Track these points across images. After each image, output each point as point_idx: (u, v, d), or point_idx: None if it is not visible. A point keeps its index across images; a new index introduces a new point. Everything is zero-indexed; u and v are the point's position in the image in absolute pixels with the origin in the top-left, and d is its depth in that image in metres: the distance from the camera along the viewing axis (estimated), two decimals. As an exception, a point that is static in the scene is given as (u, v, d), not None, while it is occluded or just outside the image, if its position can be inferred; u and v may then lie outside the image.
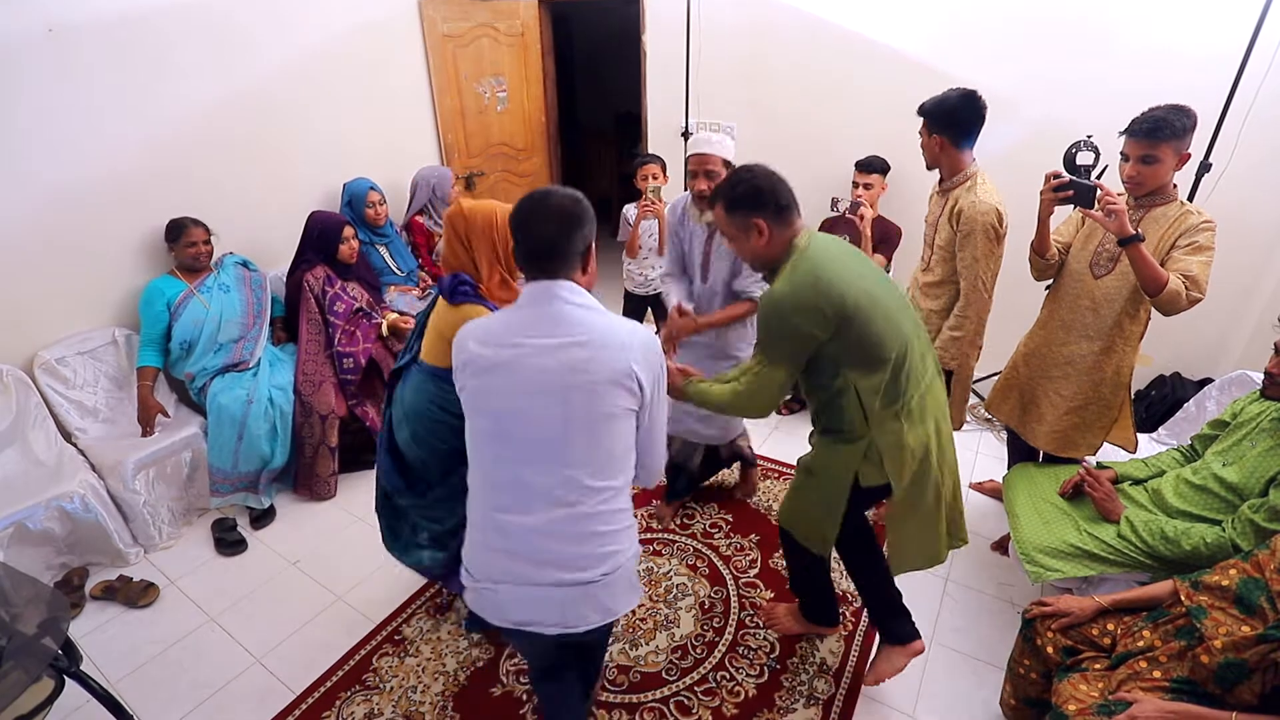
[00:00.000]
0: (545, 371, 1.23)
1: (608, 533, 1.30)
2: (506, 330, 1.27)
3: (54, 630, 1.50)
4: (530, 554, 1.26)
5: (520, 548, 1.27)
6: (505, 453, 1.27)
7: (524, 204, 1.29)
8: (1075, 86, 2.82)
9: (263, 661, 2.08)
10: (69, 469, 2.33)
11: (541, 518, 1.25)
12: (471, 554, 1.34)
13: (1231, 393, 2.56)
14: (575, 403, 1.23)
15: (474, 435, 1.31)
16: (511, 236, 1.32)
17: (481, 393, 1.28)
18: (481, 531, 1.32)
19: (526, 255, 1.29)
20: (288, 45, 3.02)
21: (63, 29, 2.35)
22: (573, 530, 1.26)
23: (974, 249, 2.06)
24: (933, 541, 1.70)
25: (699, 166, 2.15)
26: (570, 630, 1.30)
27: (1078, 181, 1.83)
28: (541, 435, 1.24)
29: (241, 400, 2.55)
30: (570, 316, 1.25)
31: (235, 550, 2.52)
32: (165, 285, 2.62)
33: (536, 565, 1.27)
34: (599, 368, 1.22)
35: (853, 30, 3.23)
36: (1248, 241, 2.70)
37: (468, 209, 1.67)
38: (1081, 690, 1.45)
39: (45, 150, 2.38)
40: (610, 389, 1.23)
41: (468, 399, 1.30)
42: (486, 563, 1.31)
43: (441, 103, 3.75)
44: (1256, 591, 1.36)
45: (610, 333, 1.25)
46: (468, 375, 1.29)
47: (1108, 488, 1.89)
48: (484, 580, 1.31)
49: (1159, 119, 1.77)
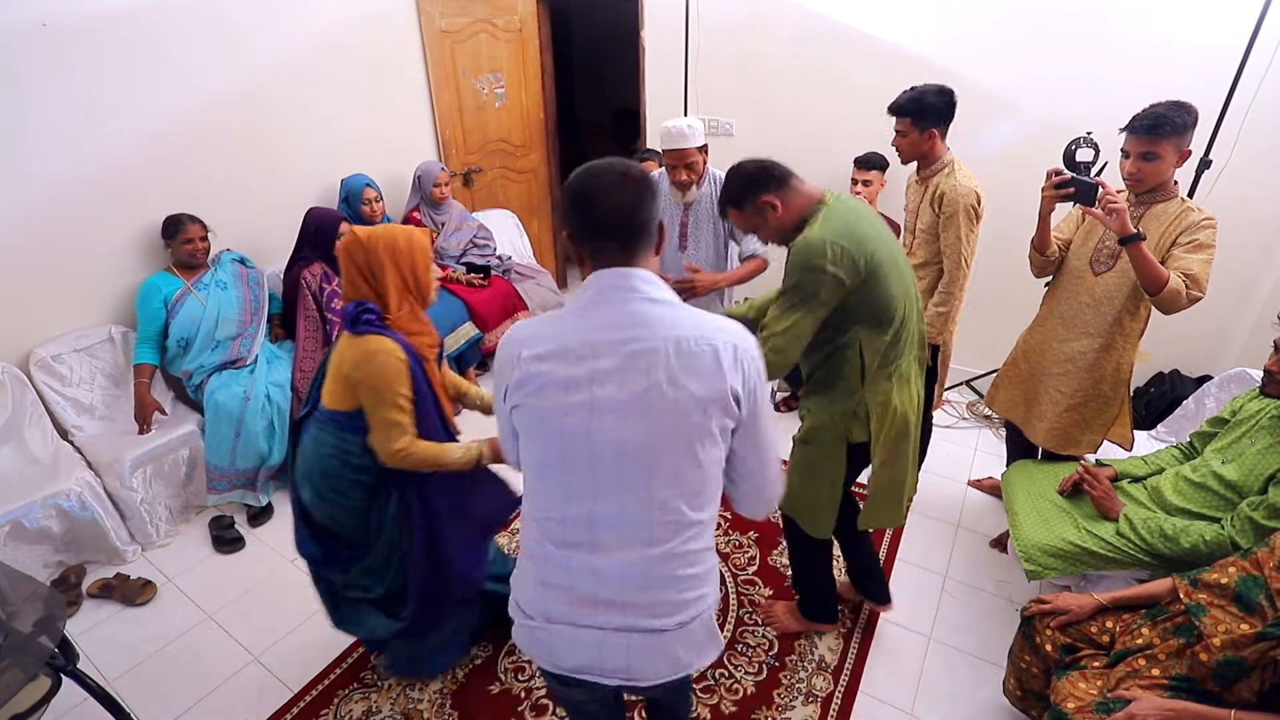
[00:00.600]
0: (625, 386, 1.00)
1: (690, 576, 1.09)
2: (572, 336, 1.03)
3: (50, 628, 1.50)
4: (596, 595, 1.07)
5: (584, 587, 1.07)
6: (575, 482, 1.05)
7: (586, 171, 1.05)
8: (1074, 82, 2.81)
9: (260, 659, 2.08)
10: (65, 467, 2.33)
11: (616, 559, 1.05)
12: (523, 586, 1.15)
13: (1231, 390, 2.56)
14: (662, 423, 1.01)
15: (533, 463, 1.09)
16: (571, 211, 1.05)
17: (544, 414, 1.04)
18: (538, 565, 1.11)
19: (596, 230, 1.03)
20: (284, 41, 3.01)
21: (57, 24, 2.33)
22: (652, 573, 1.06)
23: (957, 229, 2.17)
24: (900, 502, 1.79)
25: (678, 161, 2.31)
26: (634, 683, 1.11)
27: (1079, 179, 1.82)
28: (620, 463, 1.02)
29: (239, 398, 2.54)
30: (649, 316, 1.02)
31: (233, 548, 2.52)
32: (162, 282, 2.60)
33: (602, 608, 1.07)
34: (684, 381, 1.00)
35: (852, 26, 3.22)
36: (1247, 238, 2.70)
37: (364, 236, 1.51)
38: (1080, 688, 1.45)
39: (41, 146, 2.37)
40: (699, 407, 1.01)
41: (525, 422, 1.06)
42: (541, 599, 1.11)
43: (439, 99, 3.74)
44: (1255, 589, 1.36)
45: (696, 339, 1.02)
46: (524, 394, 1.04)
47: (1106, 486, 1.89)
48: (538, 619, 1.11)
49: (1160, 115, 1.76)
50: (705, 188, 2.42)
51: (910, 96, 2.15)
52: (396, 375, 1.49)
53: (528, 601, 1.13)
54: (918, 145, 2.20)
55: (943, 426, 3.21)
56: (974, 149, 2.68)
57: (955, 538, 2.54)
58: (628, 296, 1.03)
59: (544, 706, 1.92)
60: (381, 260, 1.52)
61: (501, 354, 1.09)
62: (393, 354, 1.48)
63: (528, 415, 1.05)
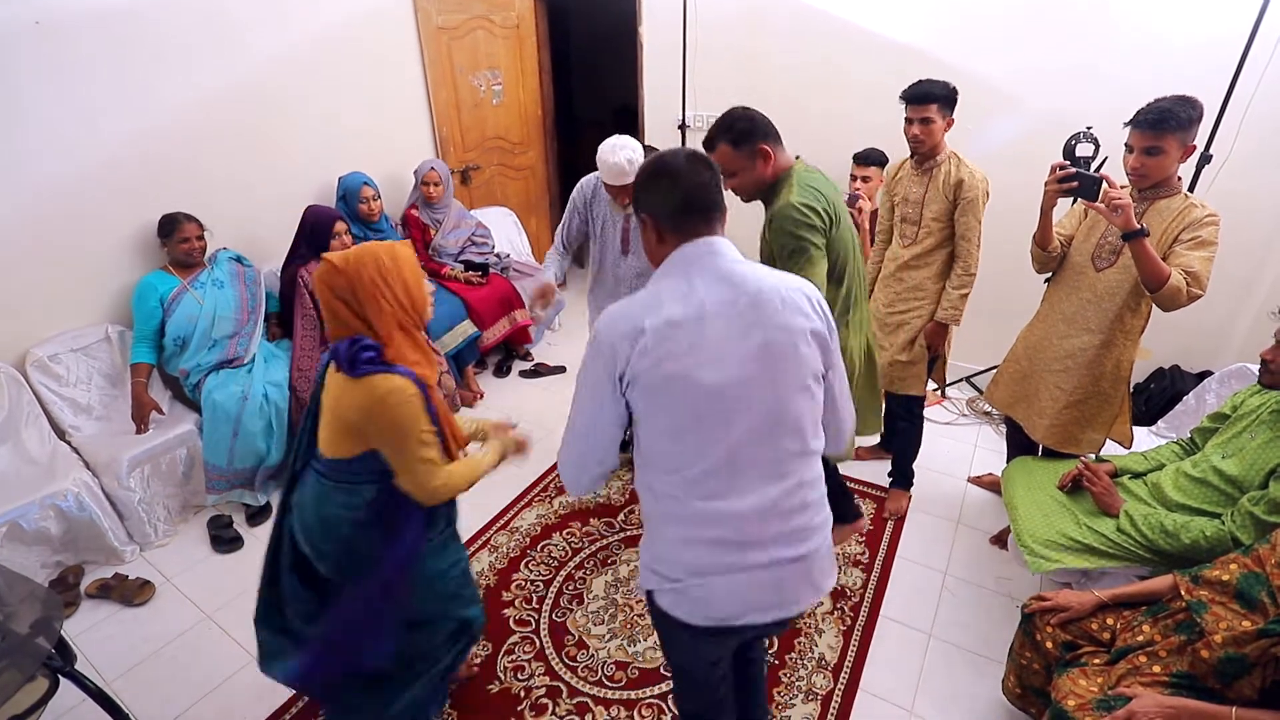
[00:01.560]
0: (745, 338, 1.11)
1: (815, 501, 1.21)
2: (685, 302, 1.11)
3: (47, 629, 1.49)
4: (744, 538, 1.15)
5: (732, 534, 1.15)
6: (709, 436, 1.12)
7: (660, 160, 1.18)
8: (1075, 77, 2.80)
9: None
10: (63, 467, 2.32)
11: (756, 498, 1.14)
12: (666, 552, 1.19)
13: (1231, 385, 2.55)
14: (779, 368, 1.13)
15: (661, 429, 1.14)
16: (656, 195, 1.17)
17: (671, 379, 1.10)
18: (680, 524, 1.17)
19: (684, 207, 1.15)
20: (281, 38, 2.99)
21: (52, 22, 2.32)
22: (788, 504, 1.17)
23: (976, 213, 2.26)
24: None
25: (618, 192, 2.34)
26: (785, 615, 1.21)
27: (1083, 173, 1.81)
28: (752, 408, 1.12)
29: (236, 397, 2.53)
30: (744, 274, 1.15)
31: (231, 547, 2.51)
32: (158, 281, 2.59)
33: (751, 548, 1.15)
34: (792, 326, 1.13)
35: (850, 21, 3.21)
36: (1248, 233, 2.69)
37: (339, 261, 1.33)
38: (1081, 685, 1.45)
39: (37, 145, 2.35)
40: (805, 347, 1.15)
41: (650, 392, 1.12)
42: (687, 556, 1.17)
43: (437, 96, 3.72)
44: (1257, 586, 1.35)
45: (784, 288, 1.15)
46: (648, 364, 1.10)
47: (1106, 482, 1.88)
48: (686, 577, 1.17)
49: (1165, 110, 1.75)
50: None
51: (935, 83, 2.19)
52: (417, 414, 1.33)
53: (670, 564, 1.19)
54: (940, 133, 2.25)
55: (943, 423, 3.20)
56: (975, 143, 2.68)
57: (955, 534, 2.53)
58: (719, 261, 1.15)
59: (543, 706, 1.91)
60: (369, 285, 1.32)
61: (610, 338, 1.13)
62: (405, 391, 1.32)
63: (653, 385, 1.11)
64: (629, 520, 2.62)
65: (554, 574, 2.37)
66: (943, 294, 2.38)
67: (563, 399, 3.67)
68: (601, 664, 2.03)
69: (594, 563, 2.42)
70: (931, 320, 2.41)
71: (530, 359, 3.87)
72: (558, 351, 3.95)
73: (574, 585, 2.32)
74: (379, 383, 1.30)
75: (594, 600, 2.26)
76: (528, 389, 3.66)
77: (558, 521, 2.63)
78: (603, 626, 2.16)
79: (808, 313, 1.16)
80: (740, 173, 1.72)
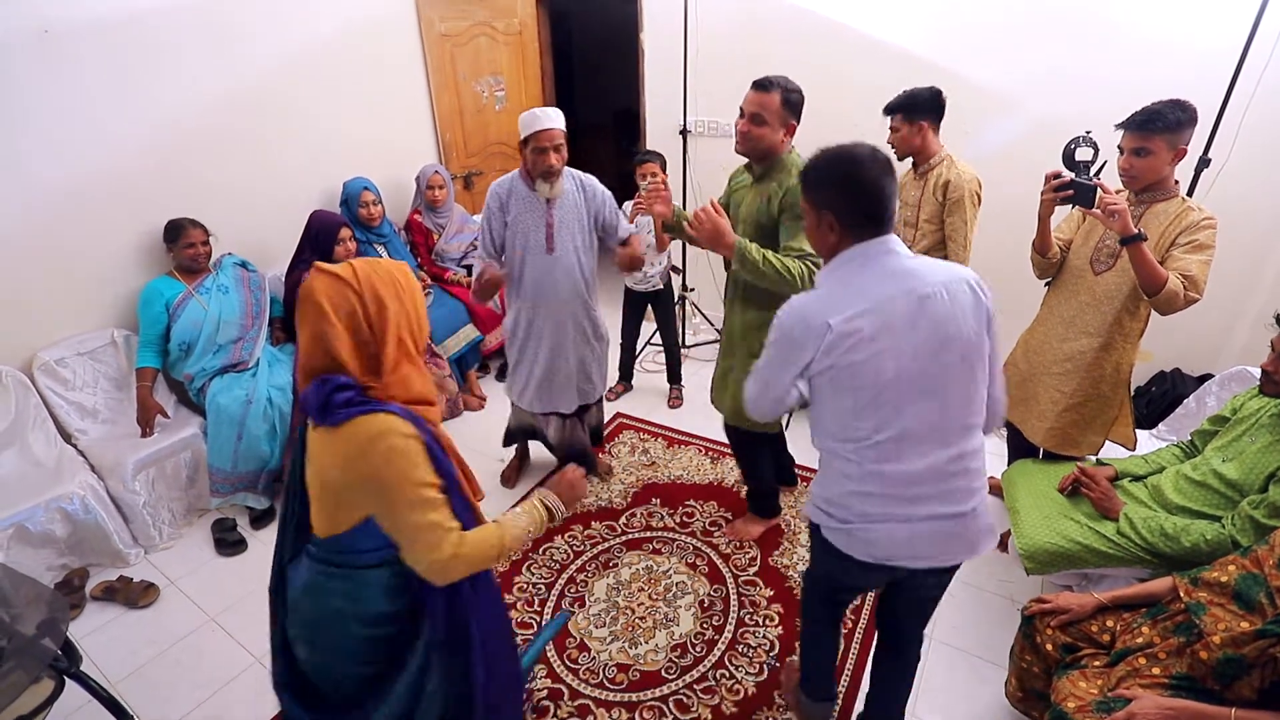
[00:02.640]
0: (919, 328, 1.23)
1: (975, 469, 1.33)
2: (867, 296, 1.23)
3: (53, 631, 1.50)
4: (908, 494, 1.29)
5: (898, 491, 1.29)
6: (887, 417, 1.26)
7: (850, 160, 1.26)
8: (1074, 81, 2.81)
9: (263, 661, 2.08)
10: (69, 470, 2.34)
11: (922, 462, 1.28)
12: (839, 498, 1.35)
13: (1231, 388, 2.55)
14: (952, 353, 1.25)
15: (845, 409, 1.28)
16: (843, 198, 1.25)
17: (858, 367, 1.23)
18: (853, 479, 1.32)
19: (868, 211, 1.25)
20: (286, 45, 3.02)
21: (59, 30, 2.35)
22: (949, 469, 1.29)
23: (962, 213, 2.34)
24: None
25: (549, 143, 2.20)
26: (938, 566, 1.37)
27: (1078, 181, 1.82)
28: (924, 393, 1.25)
29: (240, 400, 2.55)
30: (916, 269, 1.26)
31: (235, 550, 2.52)
32: (164, 286, 2.62)
33: (913, 503, 1.30)
34: (963, 313, 1.25)
35: (851, 26, 3.22)
36: (1247, 236, 2.70)
37: (349, 275, 1.07)
38: (1081, 687, 1.45)
39: (44, 151, 2.38)
40: (976, 332, 1.27)
41: (835, 378, 1.25)
42: (858, 503, 1.32)
43: (440, 101, 3.75)
44: (1255, 587, 1.35)
45: (952, 277, 1.28)
46: (838, 355, 1.22)
47: (1104, 486, 1.88)
48: (855, 520, 1.33)
49: (1153, 111, 1.78)
50: (567, 183, 2.33)
51: (903, 95, 2.35)
52: (415, 460, 1.07)
53: (841, 509, 1.35)
54: (910, 139, 2.36)
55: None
56: (973, 147, 2.69)
57: (956, 537, 2.53)
58: (893, 260, 1.27)
59: (545, 709, 1.92)
60: (384, 302, 1.08)
61: (799, 330, 1.25)
62: (398, 432, 1.05)
63: (838, 375, 1.25)
64: (630, 524, 2.63)
65: (556, 576, 2.38)
66: None
67: (564, 402, 3.59)
68: (603, 666, 2.04)
69: (596, 565, 2.42)
70: None
71: (532, 363, 3.88)
72: (560, 355, 3.96)
73: (576, 588, 2.33)
74: (364, 425, 1.04)
75: (595, 603, 2.26)
76: (530, 393, 3.67)
77: (559, 524, 2.63)
78: (604, 629, 2.16)
79: (978, 301, 1.28)
80: (768, 126, 1.89)
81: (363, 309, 1.07)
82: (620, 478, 2.90)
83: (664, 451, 3.09)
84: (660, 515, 2.67)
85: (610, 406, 3.47)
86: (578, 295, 2.40)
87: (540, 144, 2.20)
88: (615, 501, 2.76)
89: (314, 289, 1.06)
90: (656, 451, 3.09)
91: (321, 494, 1.12)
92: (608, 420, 3.34)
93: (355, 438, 1.04)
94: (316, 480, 1.12)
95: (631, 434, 3.23)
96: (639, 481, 2.88)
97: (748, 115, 1.96)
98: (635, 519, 2.66)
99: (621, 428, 3.29)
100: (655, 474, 2.93)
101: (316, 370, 1.08)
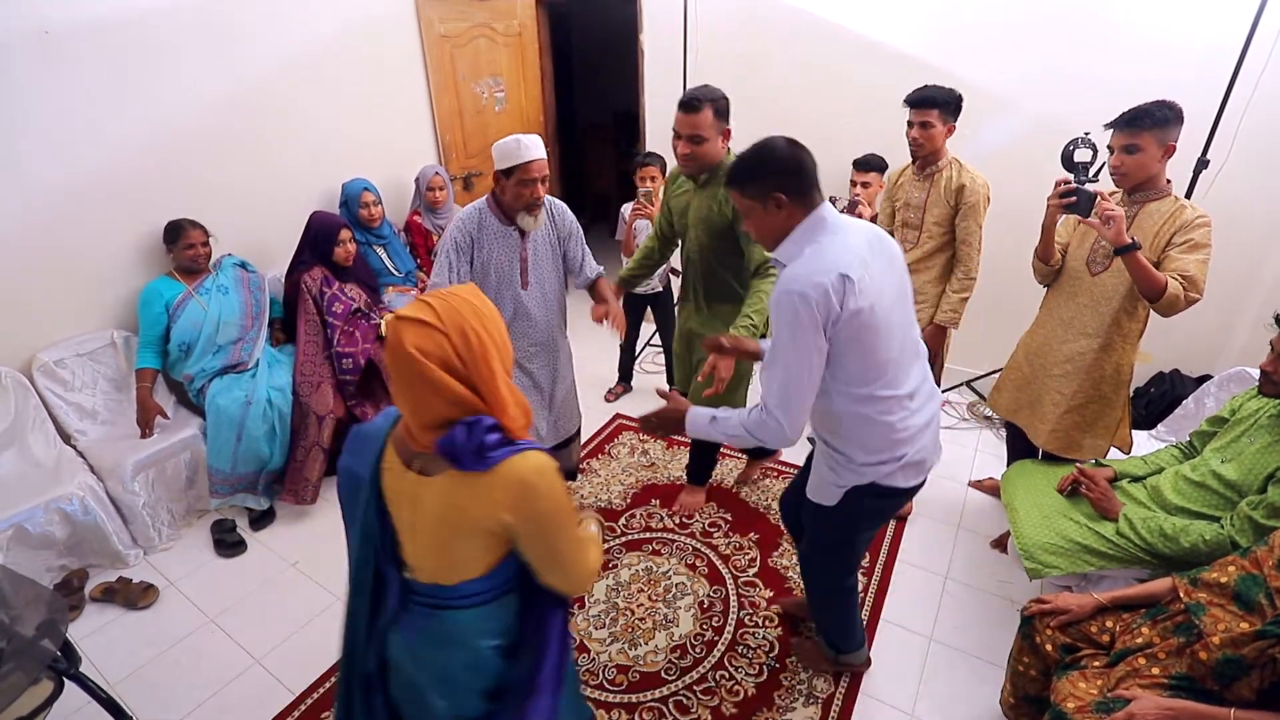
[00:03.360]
0: (890, 274, 1.43)
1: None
2: (857, 252, 1.36)
3: (53, 632, 1.50)
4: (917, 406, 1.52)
5: (914, 406, 1.51)
6: (890, 351, 1.43)
7: (788, 144, 1.40)
8: (1073, 82, 2.81)
9: (262, 662, 2.08)
10: (68, 471, 2.33)
11: (914, 378, 1.51)
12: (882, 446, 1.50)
13: (1230, 389, 2.56)
14: (905, 278, 1.50)
15: (874, 363, 1.42)
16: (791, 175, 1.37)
17: (875, 315, 1.36)
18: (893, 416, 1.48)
19: (811, 181, 1.40)
20: (286, 46, 3.02)
21: (59, 31, 2.35)
22: (925, 374, 1.56)
23: (977, 217, 2.31)
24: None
25: (538, 174, 2.00)
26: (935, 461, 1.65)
27: (1081, 190, 1.85)
28: (904, 317, 1.47)
29: (240, 401, 2.55)
30: (856, 225, 1.44)
31: (235, 551, 2.52)
32: (163, 287, 2.62)
33: (921, 411, 1.53)
34: (898, 258, 1.48)
35: (850, 27, 3.23)
36: (1245, 236, 2.70)
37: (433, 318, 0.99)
38: (1080, 688, 1.45)
39: (44, 152, 2.38)
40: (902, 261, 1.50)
41: (861, 331, 1.36)
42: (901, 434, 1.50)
43: (439, 103, 3.75)
44: (1255, 588, 1.36)
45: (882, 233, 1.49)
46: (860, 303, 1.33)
47: (1103, 486, 1.88)
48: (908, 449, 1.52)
49: (1140, 109, 1.80)
50: (542, 214, 2.13)
51: (939, 89, 2.26)
52: (564, 489, 1.06)
53: (891, 448, 1.50)
54: (939, 138, 2.30)
55: (943, 427, 3.19)
56: (971, 148, 2.69)
57: (956, 538, 2.54)
58: (840, 218, 1.42)
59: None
60: (473, 334, 1.01)
61: (819, 294, 1.30)
62: (550, 467, 1.03)
63: (861, 319, 1.34)
64: (629, 525, 2.63)
65: (555, 578, 2.38)
66: (942, 297, 2.40)
67: (564, 403, 3.59)
68: (603, 668, 2.04)
69: (595, 566, 2.42)
70: (931, 324, 2.43)
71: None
72: (559, 356, 3.96)
73: (575, 589, 2.33)
74: (518, 465, 0.99)
75: (595, 604, 2.26)
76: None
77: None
78: (604, 630, 2.16)
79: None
80: (708, 141, 1.97)
81: (454, 348, 0.99)
82: (620, 479, 2.90)
83: (663, 453, 3.09)
84: (660, 516, 2.67)
85: (610, 407, 3.48)
86: (553, 327, 2.28)
87: (529, 175, 1.99)
88: (615, 503, 2.76)
89: (402, 341, 0.98)
90: (656, 453, 3.09)
91: (452, 540, 1.05)
92: (607, 421, 3.35)
93: (516, 478, 0.99)
94: (453, 527, 1.03)
95: (631, 435, 3.23)
96: (638, 483, 2.88)
97: (686, 138, 2.01)
98: (635, 520, 2.66)
99: (621, 429, 3.29)
100: (655, 475, 2.93)
101: (439, 420, 1.00)
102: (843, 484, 1.56)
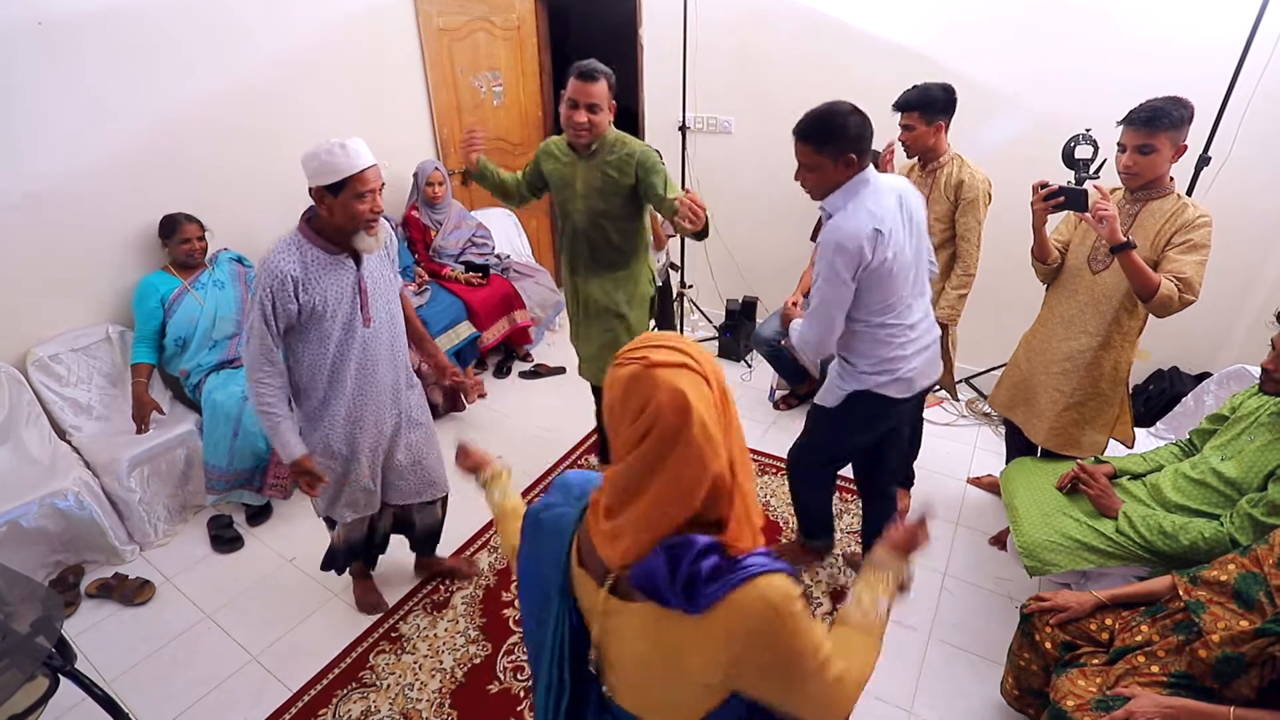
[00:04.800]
0: (909, 225, 1.72)
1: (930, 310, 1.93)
2: (880, 207, 1.64)
3: (48, 628, 1.49)
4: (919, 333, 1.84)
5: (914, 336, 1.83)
6: (903, 286, 1.75)
7: (850, 107, 1.62)
8: (1074, 79, 2.80)
9: (259, 659, 2.08)
10: (63, 466, 2.32)
11: (918, 313, 1.83)
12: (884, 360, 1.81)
13: (1230, 387, 2.55)
14: (919, 232, 1.77)
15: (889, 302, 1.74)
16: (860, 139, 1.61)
17: (895, 260, 1.67)
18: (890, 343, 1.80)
19: (870, 147, 1.65)
20: (283, 39, 3.00)
21: (53, 23, 2.32)
22: (926, 309, 1.88)
23: (977, 213, 2.32)
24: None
25: (377, 183, 1.71)
26: (927, 385, 1.95)
27: (1067, 188, 1.85)
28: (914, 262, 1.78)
29: (236, 397, 2.53)
30: (891, 182, 1.73)
31: (231, 547, 2.51)
32: (159, 281, 2.60)
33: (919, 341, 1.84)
34: (920, 203, 1.80)
35: (850, 23, 3.21)
36: (1247, 234, 2.70)
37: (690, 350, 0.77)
38: (1080, 685, 1.45)
39: (38, 145, 2.36)
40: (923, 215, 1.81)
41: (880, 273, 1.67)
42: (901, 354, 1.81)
43: (437, 97, 3.73)
44: (1255, 586, 1.35)
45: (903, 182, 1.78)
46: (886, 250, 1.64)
47: (1102, 484, 1.88)
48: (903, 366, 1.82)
49: (1157, 108, 1.76)
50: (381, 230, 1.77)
51: (917, 91, 2.27)
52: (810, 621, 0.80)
53: (889, 363, 1.82)
54: (925, 138, 2.31)
55: (942, 424, 3.21)
56: (974, 145, 2.68)
57: (955, 535, 2.54)
58: (878, 178, 1.70)
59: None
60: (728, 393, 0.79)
61: (857, 244, 1.61)
62: (793, 595, 0.77)
63: (886, 266, 1.66)
64: (629, 521, 2.62)
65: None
66: (941, 294, 2.39)
67: (563, 399, 3.69)
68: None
69: (593, 563, 2.41)
70: None
71: (530, 360, 3.88)
72: (557, 352, 3.96)
73: (573, 585, 2.32)
74: (752, 595, 0.74)
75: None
76: (528, 389, 3.67)
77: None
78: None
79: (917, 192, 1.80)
80: (603, 111, 2.12)
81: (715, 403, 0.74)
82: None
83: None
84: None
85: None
86: (401, 368, 1.92)
87: (366, 186, 1.66)
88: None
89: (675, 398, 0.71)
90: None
91: (660, 686, 0.84)
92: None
93: (747, 613, 0.74)
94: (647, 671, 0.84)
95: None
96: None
97: (584, 106, 2.09)
98: (633, 516, 2.64)
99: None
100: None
101: (665, 527, 0.75)
102: (845, 388, 1.89)
